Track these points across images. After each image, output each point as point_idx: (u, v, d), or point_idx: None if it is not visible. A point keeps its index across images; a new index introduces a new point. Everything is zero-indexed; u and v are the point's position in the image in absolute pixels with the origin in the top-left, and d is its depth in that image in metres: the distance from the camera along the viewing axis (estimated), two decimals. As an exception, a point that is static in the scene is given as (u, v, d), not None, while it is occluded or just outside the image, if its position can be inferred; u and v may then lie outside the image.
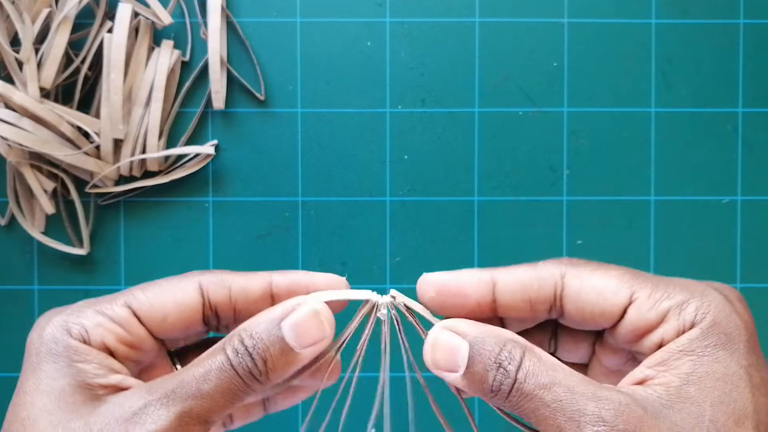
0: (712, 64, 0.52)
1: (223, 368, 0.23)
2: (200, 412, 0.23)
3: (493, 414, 0.29)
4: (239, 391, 0.24)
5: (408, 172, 0.52)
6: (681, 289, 0.24)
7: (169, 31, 0.51)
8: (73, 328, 0.25)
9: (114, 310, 0.26)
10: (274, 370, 0.24)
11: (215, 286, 0.26)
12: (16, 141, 0.47)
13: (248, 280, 0.26)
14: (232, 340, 0.24)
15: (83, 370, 0.24)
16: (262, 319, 0.24)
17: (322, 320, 0.25)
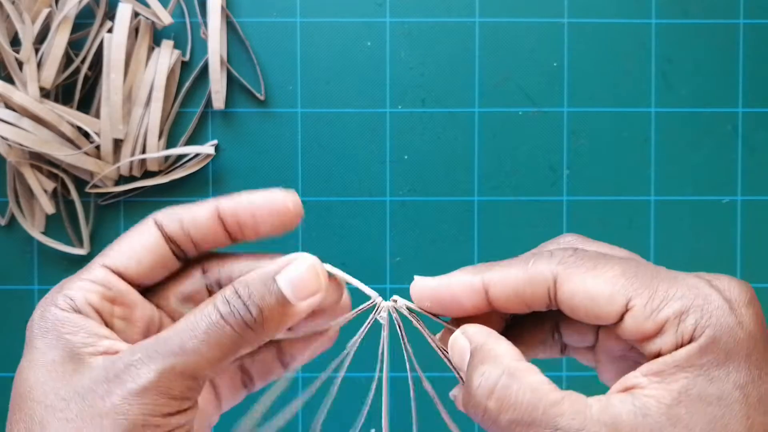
0: (712, 64, 0.52)
1: (212, 321, 0.23)
2: (184, 369, 0.23)
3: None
4: (231, 343, 0.23)
5: (408, 172, 0.52)
6: (683, 292, 0.24)
7: (169, 31, 0.51)
8: (59, 301, 0.25)
9: (93, 273, 0.26)
10: (271, 320, 0.24)
11: (168, 219, 0.26)
12: (16, 141, 0.47)
13: (195, 208, 0.27)
14: (224, 292, 0.24)
15: (71, 340, 0.24)
16: (256, 273, 0.25)
17: (318, 273, 0.25)
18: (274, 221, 0.26)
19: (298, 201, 0.26)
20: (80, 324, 0.24)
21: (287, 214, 0.26)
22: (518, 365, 0.24)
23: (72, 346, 0.24)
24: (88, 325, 0.24)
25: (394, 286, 0.52)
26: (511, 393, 0.23)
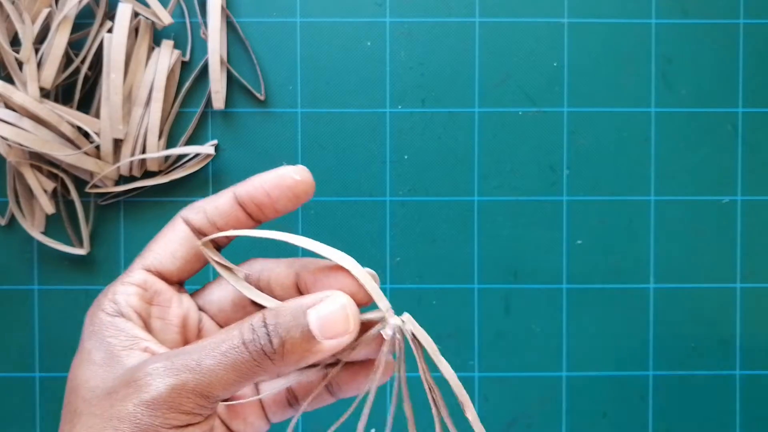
0: (712, 64, 0.52)
1: (234, 344, 0.24)
2: (196, 386, 0.23)
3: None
4: (248, 369, 0.24)
5: (408, 172, 0.52)
6: None
7: (169, 31, 0.51)
8: (105, 305, 0.27)
9: (133, 275, 0.27)
10: (292, 353, 0.24)
11: (193, 213, 0.28)
12: (16, 141, 0.47)
13: (216, 198, 0.28)
14: (252, 318, 0.25)
15: (112, 343, 0.25)
16: (290, 305, 0.25)
17: (348, 315, 0.25)
18: (288, 195, 0.27)
19: (306, 172, 0.27)
20: (121, 327, 0.26)
21: (298, 186, 0.27)
22: None
23: (112, 349, 0.25)
24: (128, 328, 0.26)
25: (394, 286, 0.52)
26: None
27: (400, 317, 0.27)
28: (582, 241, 0.52)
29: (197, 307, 0.29)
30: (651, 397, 0.52)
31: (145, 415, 0.23)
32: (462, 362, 0.52)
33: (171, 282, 0.28)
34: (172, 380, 0.23)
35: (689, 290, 0.52)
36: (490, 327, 0.52)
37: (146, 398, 0.23)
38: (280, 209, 0.28)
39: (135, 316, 0.26)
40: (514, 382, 0.52)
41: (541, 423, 0.52)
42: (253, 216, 0.28)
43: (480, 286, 0.52)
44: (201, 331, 0.29)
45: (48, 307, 0.52)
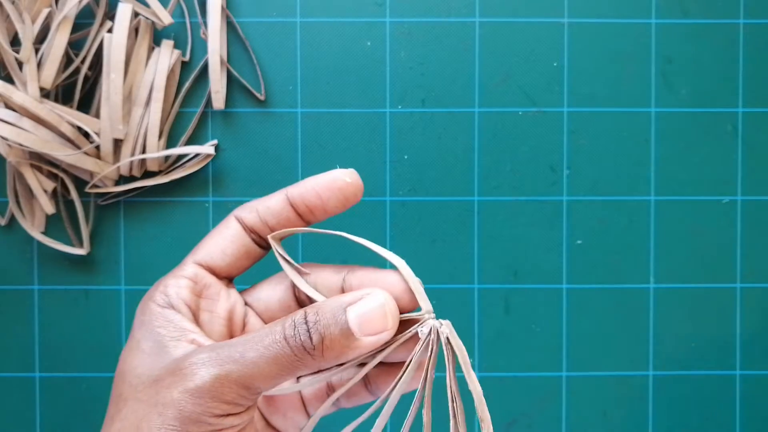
0: (712, 64, 0.52)
1: (275, 339, 0.25)
2: (239, 378, 0.24)
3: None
4: (289, 363, 0.25)
5: (408, 172, 0.52)
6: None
7: (169, 31, 0.51)
8: (156, 297, 0.28)
9: (185, 269, 0.28)
10: (331, 349, 0.25)
11: (246, 212, 0.29)
12: (16, 141, 0.47)
13: (269, 199, 0.29)
14: (295, 314, 0.26)
15: (161, 333, 0.27)
16: (330, 302, 0.26)
17: (386, 313, 0.26)
18: (338, 197, 0.28)
19: (356, 175, 0.28)
20: (171, 318, 0.27)
21: (348, 189, 0.28)
22: None
23: (161, 339, 0.26)
24: (177, 320, 0.27)
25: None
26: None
27: (439, 320, 0.27)
28: (582, 241, 0.52)
29: (244, 303, 0.30)
30: (651, 397, 0.52)
31: (189, 403, 0.24)
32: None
33: (220, 277, 0.29)
34: (217, 370, 0.24)
35: (689, 290, 0.52)
36: (490, 327, 0.52)
37: (191, 386, 0.24)
38: (329, 210, 0.28)
39: (185, 308, 0.27)
40: (514, 382, 0.52)
41: (541, 423, 0.52)
42: (303, 217, 0.29)
43: (480, 286, 0.52)
44: (246, 326, 0.30)
45: (48, 307, 0.52)
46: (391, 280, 0.27)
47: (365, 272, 0.28)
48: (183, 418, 0.24)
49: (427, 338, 0.27)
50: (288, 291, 0.30)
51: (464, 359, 0.27)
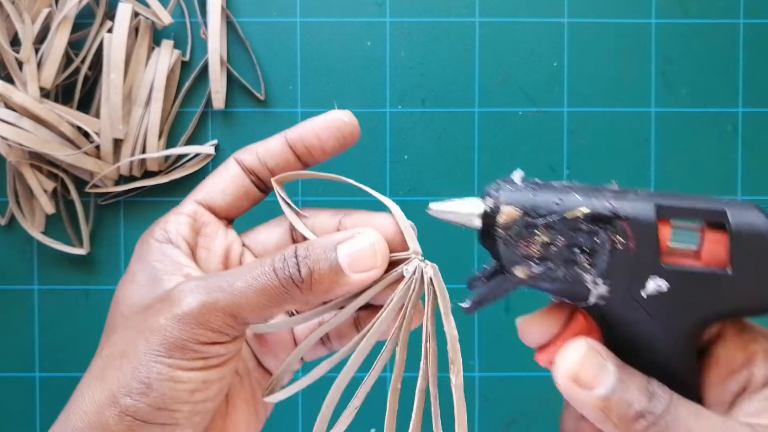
0: (712, 64, 0.52)
1: (265, 270, 0.25)
2: (225, 306, 0.24)
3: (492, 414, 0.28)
4: (277, 295, 0.25)
5: (408, 172, 0.52)
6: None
7: (169, 31, 0.51)
8: (156, 232, 0.28)
9: (185, 206, 0.29)
10: (319, 283, 0.25)
11: (246, 154, 0.29)
12: (16, 141, 0.47)
13: (268, 141, 0.29)
14: (287, 249, 0.26)
15: (156, 267, 0.27)
16: (321, 240, 0.26)
17: (376, 251, 0.26)
18: (336, 137, 0.29)
19: (352, 116, 0.29)
20: (168, 253, 0.27)
21: (345, 128, 0.29)
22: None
23: (156, 272, 0.27)
24: (174, 255, 0.27)
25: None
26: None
27: (426, 262, 0.28)
28: (582, 241, 0.52)
29: (242, 243, 0.30)
30: (651, 397, 0.52)
31: (175, 329, 0.24)
32: (462, 362, 0.52)
33: (219, 217, 0.29)
34: (204, 297, 0.24)
35: (689, 290, 0.52)
36: (490, 327, 0.52)
37: (177, 312, 0.24)
38: (327, 150, 0.29)
39: (183, 244, 0.28)
40: (514, 382, 0.52)
41: (541, 423, 0.52)
42: (302, 158, 0.29)
43: (480, 286, 0.52)
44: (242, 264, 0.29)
45: (48, 307, 0.52)
46: (384, 222, 0.28)
47: (360, 215, 0.28)
48: (168, 343, 0.24)
49: (411, 277, 0.27)
50: (286, 234, 0.30)
51: (445, 302, 0.27)
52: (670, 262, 0.25)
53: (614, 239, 0.25)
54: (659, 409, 0.23)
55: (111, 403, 0.24)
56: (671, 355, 0.26)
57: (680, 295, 0.25)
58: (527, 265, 0.26)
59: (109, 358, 0.25)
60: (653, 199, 0.25)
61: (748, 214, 0.25)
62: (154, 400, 0.24)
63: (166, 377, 0.24)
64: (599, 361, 0.25)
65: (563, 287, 0.26)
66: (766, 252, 0.25)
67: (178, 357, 0.24)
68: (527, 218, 0.25)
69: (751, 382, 0.25)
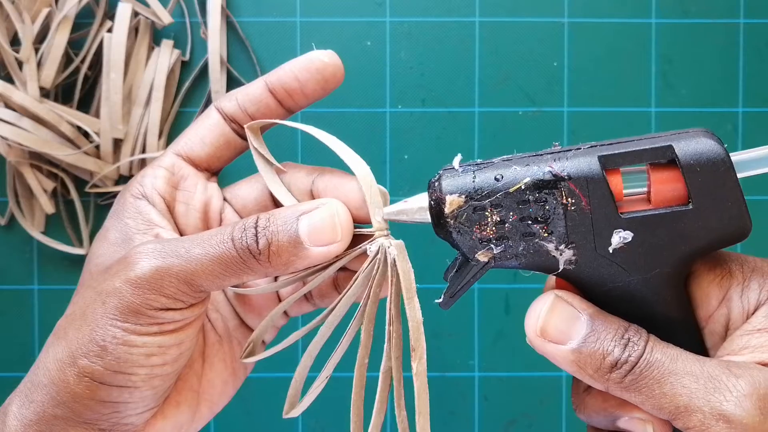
0: (712, 64, 0.52)
1: (223, 238, 0.24)
2: (180, 272, 0.24)
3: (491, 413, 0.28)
4: (233, 265, 0.24)
5: (408, 172, 0.52)
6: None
7: (169, 30, 0.51)
8: (132, 188, 0.27)
9: (164, 159, 0.28)
10: (278, 255, 0.24)
11: (226, 101, 0.28)
12: (16, 141, 0.47)
13: (248, 86, 0.28)
14: (248, 218, 0.25)
15: (128, 224, 0.26)
16: (286, 210, 0.25)
17: (336, 224, 0.25)
18: (316, 78, 0.27)
19: (335, 56, 0.27)
20: (141, 210, 0.27)
21: (327, 69, 0.27)
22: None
23: (128, 230, 0.26)
24: (147, 212, 0.27)
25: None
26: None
27: (390, 240, 0.26)
28: (582, 241, 0.52)
29: (224, 198, 0.29)
30: (651, 397, 0.52)
31: (129, 293, 0.24)
32: (462, 362, 0.52)
33: (200, 168, 0.28)
34: (158, 262, 0.24)
35: (689, 290, 0.52)
36: (490, 327, 0.52)
37: (131, 276, 0.24)
38: (308, 94, 0.28)
39: (158, 199, 0.27)
40: (514, 382, 0.52)
41: (541, 423, 0.52)
42: (283, 103, 0.28)
43: (480, 286, 0.52)
44: (223, 221, 0.29)
45: (48, 307, 0.52)
46: (352, 188, 0.27)
47: (332, 177, 0.27)
48: (123, 308, 0.24)
49: (374, 257, 0.26)
50: (266, 189, 0.29)
51: (408, 284, 0.26)
52: (629, 210, 0.24)
53: (564, 202, 0.24)
54: (634, 357, 0.23)
55: (71, 362, 0.24)
56: (659, 306, 0.25)
57: (648, 241, 0.24)
58: (487, 248, 0.25)
59: (71, 318, 0.25)
60: (596, 152, 0.24)
61: (696, 144, 0.24)
62: (109, 363, 0.24)
63: (120, 341, 0.24)
64: (570, 312, 0.24)
65: (529, 261, 0.25)
66: (722, 178, 0.24)
67: (133, 321, 0.24)
68: (473, 202, 0.24)
69: (731, 321, 0.25)
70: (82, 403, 0.24)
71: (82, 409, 0.24)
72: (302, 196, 0.28)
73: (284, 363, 0.50)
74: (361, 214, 0.26)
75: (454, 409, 0.52)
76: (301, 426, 0.52)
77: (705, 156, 0.24)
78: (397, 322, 0.26)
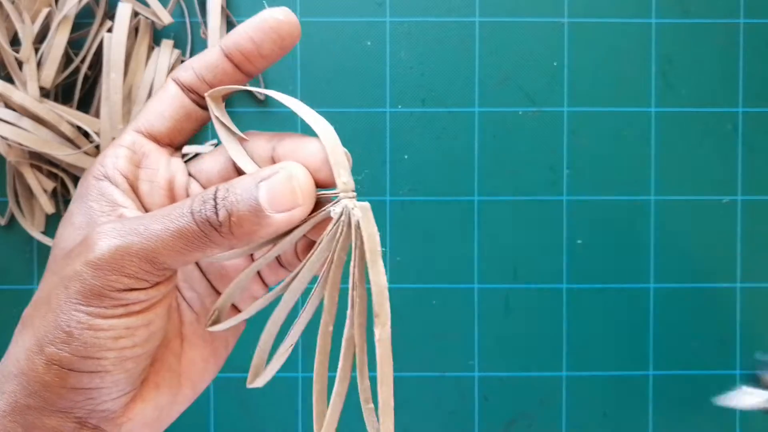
0: (712, 64, 0.52)
1: (183, 212, 0.24)
2: (140, 250, 0.23)
3: (492, 412, 0.28)
4: (195, 239, 0.24)
5: (408, 172, 0.52)
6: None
7: (169, 30, 0.51)
8: (94, 169, 0.26)
9: (124, 138, 0.27)
10: (239, 225, 0.24)
11: (182, 71, 0.27)
12: (16, 141, 0.47)
13: (203, 54, 0.27)
14: (206, 190, 0.25)
15: (92, 207, 0.26)
16: (246, 178, 0.25)
17: (295, 188, 0.24)
18: (272, 38, 0.26)
19: (289, 13, 0.26)
20: (104, 191, 0.26)
21: (282, 27, 0.26)
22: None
23: (92, 213, 0.26)
24: (110, 193, 0.26)
25: (394, 285, 0.52)
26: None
27: (354, 202, 0.25)
28: (582, 241, 0.52)
29: (188, 173, 0.28)
30: (651, 397, 0.52)
31: (90, 276, 0.23)
32: (462, 362, 0.52)
33: (162, 144, 0.27)
34: (117, 241, 0.23)
35: (689, 290, 0.52)
36: (490, 327, 0.52)
37: (91, 258, 0.23)
38: (265, 54, 0.27)
39: (120, 179, 0.26)
40: (514, 382, 0.52)
41: (541, 423, 0.52)
42: (241, 68, 0.27)
43: (480, 286, 0.52)
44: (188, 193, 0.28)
45: (48, 307, 0.52)
46: (312, 150, 0.26)
47: (292, 140, 0.27)
48: (86, 291, 0.23)
49: (338, 220, 0.25)
50: (230, 160, 0.28)
51: (372, 247, 0.25)
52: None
53: None
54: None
55: (38, 350, 0.23)
56: None
57: None
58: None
59: (36, 305, 0.24)
60: None
61: None
62: (76, 348, 0.23)
63: (86, 326, 0.23)
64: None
65: None
66: None
67: (96, 305, 0.23)
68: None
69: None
70: (53, 391, 0.23)
71: (54, 397, 0.23)
72: (264, 163, 0.27)
73: (284, 363, 0.50)
74: (322, 177, 0.25)
75: (454, 409, 0.52)
76: (301, 426, 0.52)
77: None
78: (360, 287, 0.25)
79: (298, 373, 0.51)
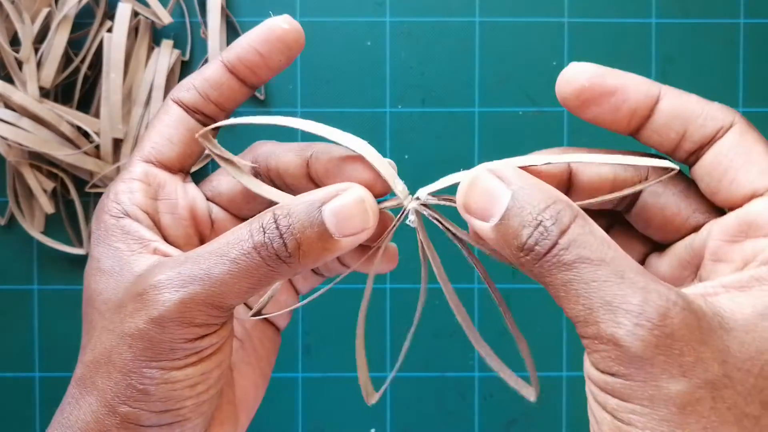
0: (712, 64, 0.52)
1: (244, 249, 0.22)
2: (206, 298, 0.22)
3: (492, 410, 0.28)
4: (262, 276, 0.22)
5: (408, 172, 0.52)
6: None
7: (168, 30, 0.51)
8: (109, 207, 0.24)
9: (133, 170, 0.25)
10: (308, 254, 0.22)
11: (183, 91, 0.26)
12: (16, 141, 0.47)
13: (203, 70, 0.26)
14: (262, 218, 0.23)
15: (119, 248, 0.24)
16: (301, 200, 0.23)
17: (367, 209, 0.24)
18: (279, 48, 0.25)
19: (293, 20, 0.25)
20: (128, 230, 0.24)
21: (288, 35, 0.25)
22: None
23: (121, 254, 0.24)
24: (135, 230, 0.24)
25: (394, 286, 0.52)
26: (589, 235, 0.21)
27: (414, 196, 0.25)
28: (582, 241, 0.52)
29: (205, 197, 0.27)
30: (651, 397, 0.52)
31: (157, 333, 0.22)
32: (462, 362, 0.52)
33: (173, 171, 0.26)
34: (180, 294, 0.22)
35: (689, 290, 0.52)
36: (490, 327, 0.52)
37: (155, 315, 0.22)
38: (273, 66, 0.26)
39: (142, 215, 0.24)
40: (514, 382, 0.52)
41: (541, 423, 0.52)
42: (246, 81, 0.26)
43: (480, 286, 0.52)
44: (214, 223, 0.27)
45: (48, 307, 0.52)
46: (359, 168, 0.25)
47: (329, 158, 0.25)
48: (154, 348, 0.22)
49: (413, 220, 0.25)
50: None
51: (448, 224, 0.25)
52: None
53: None
54: (542, 246, 0.20)
55: (110, 412, 0.22)
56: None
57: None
58: None
59: (95, 365, 0.23)
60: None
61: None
62: (154, 405, 0.22)
63: (161, 381, 0.22)
64: (493, 186, 0.22)
65: None
66: None
67: (169, 359, 0.22)
68: None
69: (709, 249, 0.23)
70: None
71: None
72: (297, 181, 0.26)
73: (284, 363, 0.50)
74: (374, 193, 0.25)
75: (454, 409, 0.52)
76: (301, 426, 0.52)
77: None
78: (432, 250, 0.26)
79: (299, 373, 0.51)
